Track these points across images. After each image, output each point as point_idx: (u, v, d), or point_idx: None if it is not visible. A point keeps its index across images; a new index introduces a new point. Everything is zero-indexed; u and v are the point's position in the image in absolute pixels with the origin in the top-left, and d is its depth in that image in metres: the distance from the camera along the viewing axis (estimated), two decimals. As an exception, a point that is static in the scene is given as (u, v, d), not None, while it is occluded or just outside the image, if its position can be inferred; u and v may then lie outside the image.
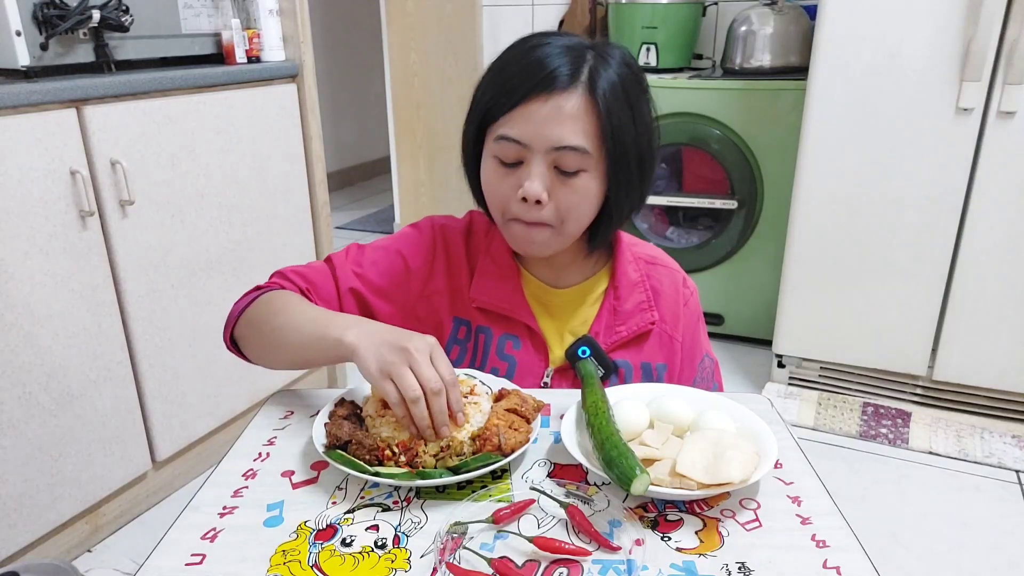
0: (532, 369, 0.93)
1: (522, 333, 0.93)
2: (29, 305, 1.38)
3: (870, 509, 1.70)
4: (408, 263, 0.94)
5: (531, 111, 0.81)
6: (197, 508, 0.69)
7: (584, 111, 0.81)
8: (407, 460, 0.71)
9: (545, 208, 0.83)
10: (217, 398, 1.82)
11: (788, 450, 0.77)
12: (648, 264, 0.99)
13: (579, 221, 0.86)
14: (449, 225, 0.98)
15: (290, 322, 0.82)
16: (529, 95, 0.81)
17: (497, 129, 0.84)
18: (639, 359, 0.95)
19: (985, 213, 1.85)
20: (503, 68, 0.85)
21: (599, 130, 0.82)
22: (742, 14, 2.39)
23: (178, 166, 1.63)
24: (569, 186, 0.83)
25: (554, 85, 0.80)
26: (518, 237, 0.88)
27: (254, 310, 0.88)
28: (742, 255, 2.45)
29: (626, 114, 0.83)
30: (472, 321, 0.94)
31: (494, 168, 0.86)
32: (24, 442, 1.41)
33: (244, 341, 0.89)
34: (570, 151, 0.81)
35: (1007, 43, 1.73)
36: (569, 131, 0.81)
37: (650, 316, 0.95)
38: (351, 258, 0.95)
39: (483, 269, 0.94)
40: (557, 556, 0.61)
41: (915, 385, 2.10)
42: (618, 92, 0.82)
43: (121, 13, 1.53)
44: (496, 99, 0.84)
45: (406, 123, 3.40)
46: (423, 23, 3.18)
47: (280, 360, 0.86)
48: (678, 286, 1.00)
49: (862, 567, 0.61)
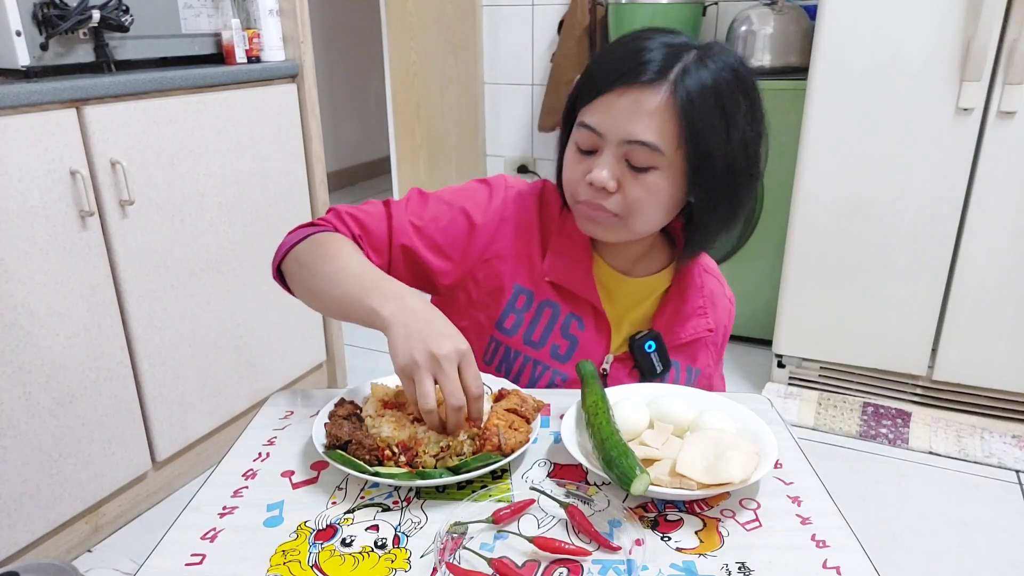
0: (593, 352, 0.93)
1: (587, 314, 0.93)
2: (29, 305, 1.38)
3: (870, 509, 1.70)
4: (473, 222, 0.91)
5: (611, 102, 0.81)
6: (197, 508, 0.69)
7: (664, 109, 0.79)
8: (407, 460, 0.71)
9: (612, 198, 0.83)
10: (217, 398, 1.82)
11: (788, 450, 0.77)
12: (704, 272, 0.99)
13: (647, 218, 0.85)
14: (522, 190, 0.95)
15: (337, 273, 0.81)
16: (613, 86, 0.80)
17: (582, 115, 0.84)
18: (687, 362, 0.97)
19: (985, 213, 1.85)
20: (601, 56, 0.85)
21: (678, 131, 0.79)
22: (742, 14, 2.39)
23: (178, 166, 1.63)
24: (638, 181, 0.82)
25: (638, 78, 0.79)
26: (584, 217, 0.87)
27: (305, 249, 0.86)
28: (742, 255, 2.45)
29: (715, 119, 0.79)
30: (536, 292, 0.92)
31: (572, 153, 0.86)
32: (24, 442, 1.41)
33: (291, 277, 0.88)
34: (640, 146, 0.80)
35: (1007, 43, 1.73)
36: (643, 126, 0.79)
37: (707, 323, 0.97)
38: (412, 209, 0.92)
39: (557, 246, 0.93)
40: (557, 556, 0.61)
41: (915, 385, 2.10)
42: (708, 95, 0.79)
43: (121, 13, 1.53)
44: (585, 85, 0.84)
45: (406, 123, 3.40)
46: (423, 23, 3.18)
47: (320, 306, 0.86)
48: (725, 300, 1.02)
49: (862, 567, 0.61)
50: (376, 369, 0.78)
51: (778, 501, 0.69)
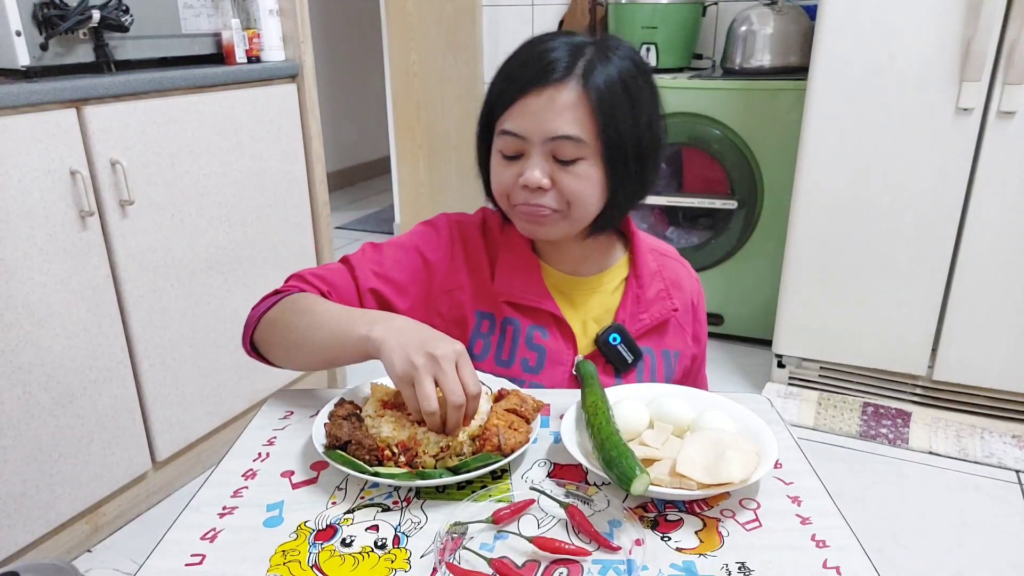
0: (561, 358, 0.94)
1: (548, 323, 0.94)
2: (29, 305, 1.38)
3: (870, 509, 1.70)
4: (427, 259, 0.95)
5: (527, 104, 0.84)
6: (197, 508, 0.69)
7: (577, 102, 0.83)
8: (407, 460, 0.71)
9: (548, 194, 0.86)
10: (217, 398, 1.82)
11: (788, 450, 0.77)
12: (661, 256, 1.02)
13: (586, 206, 0.88)
14: (464, 221, 0.99)
15: (315, 322, 0.82)
16: (526, 89, 0.84)
17: (500, 124, 0.87)
18: (660, 346, 0.98)
19: (985, 213, 1.85)
20: (508, 64, 0.88)
21: (594, 120, 0.83)
22: (742, 14, 2.39)
23: (178, 166, 1.63)
24: (570, 173, 0.85)
25: (548, 78, 0.83)
26: (525, 220, 0.90)
27: (277, 313, 0.87)
28: (742, 255, 2.45)
29: (624, 106, 0.84)
30: (497, 314, 0.94)
31: (498, 162, 0.89)
32: (24, 442, 1.41)
33: (267, 344, 0.89)
34: (565, 140, 0.83)
35: (1007, 43, 1.73)
36: (563, 121, 0.83)
37: (670, 304, 0.99)
38: (368, 257, 0.95)
39: (504, 263, 0.95)
40: (557, 556, 0.61)
41: (915, 385, 2.10)
42: (615, 84, 0.84)
43: (121, 13, 1.53)
44: (498, 95, 0.87)
45: (406, 123, 3.40)
46: (423, 23, 3.18)
47: (306, 360, 0.86)
48: (689, 280, 1.04)
49: (862, 567, 0.61)
50: (376, 369, 0.78)
51: (778, 501, 0.69)
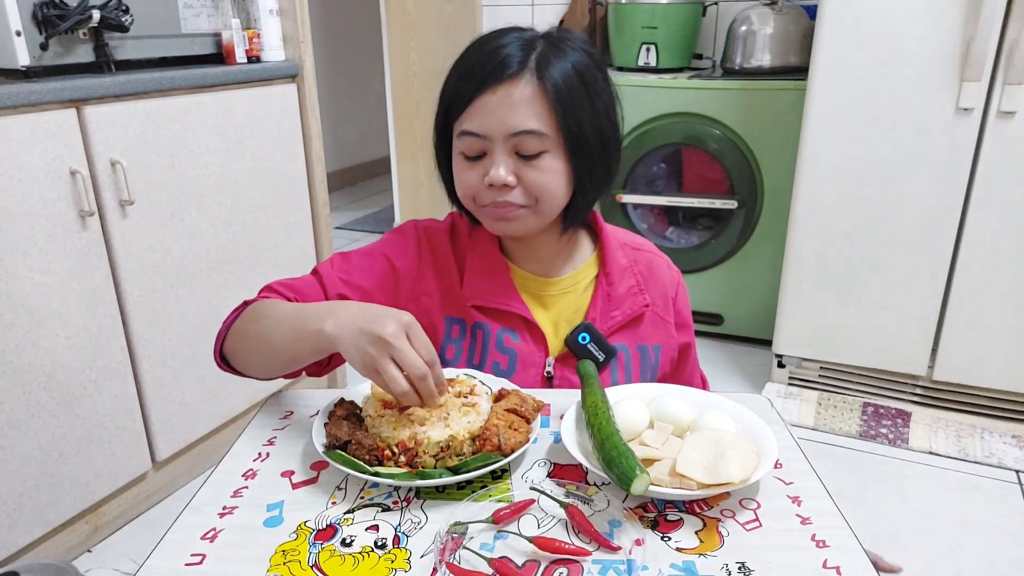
0: (532, 360, 0.94)
1: (518, 325, 0.94)
2: (29, 305, 1.38)
3: (870, 509, 1.70)
4: (395, 266, 0.95)
5: (485, 103, 0.84)
6: (197, 508, 0.69)
7: (534, 95, 0.83)
8: (407, 460, 0.71)
9: (514, 191, 0.86)
10: (217, 398, 1.82)
11: (788, 450, 0.77)
12: (634, 250, 1.01)
13: (553, 199, 0.88)
14: (432, 227, 0.99)
15: (272, 324, 0.83)
16: (482, 88, 0.84)
17: (459, 126, 0.87)
18: (635, 341, 0.97)
19: (985, 213, 1.85)
20: (458, 65, 0.88)
21: (552, 112, 0.84)
22: (742, 14, 2.39)
23: (178, 166, 1.63)
24: (534, 167, 0.85)
25: (503, 74, 0.83)
26: (492, 219, 0.90)
27: (240, 322, 0.88)
28: (742, 255, 2.45)
29: (581, 96, 0.85)
30: (467, 319, 0.94)
31: (460, 163, 0.89)
32: (24, 442, 1.41)
33: (233, 354, 0.89)
34: (526, 135, 0.84)
35: (1007, 43, 1.73)
36: (522, 116, 0.83)
37: (642, 299, 0.97)
38: (336, 266, 0.95)
39: (472, 267, 0.95)
40: (557, 556, 0.61)
41: (915, 385, 2.10)
42: (570, 75, 0.84)
43: (121, 13, 1.53)
44: (453, 96, 0.87)
45: (406, 123, 3.40)
46: (423, 23, 3.18)
47: (268, 364, 0.85)
48: (665, 270, 1.02)
49: (862, 567, 0.61)
50: (376, 369, 0.78)
51: (778, 501, 0.69)
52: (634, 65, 2.53)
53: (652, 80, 2.41)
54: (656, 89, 2.38)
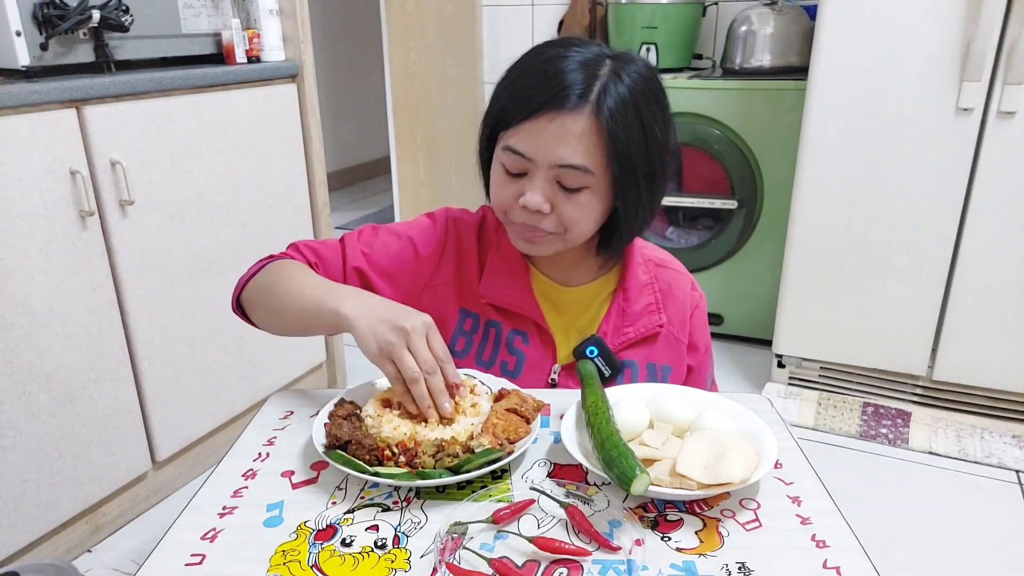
0: (540, 365, 0.94)
1: (531, 329, 0.94)
2: (29, 305, 1.38)
3: (870, 509, 1.70)
4: (418, 251, 0.96)
5: (538, 127, 0.81)
6: (197, 508, 0.69)
7: (590, 131, 0.81)
8: (407, 460, 0.71)
9: (546, 219, 0.85)
10: (217, 398, 1.82)
11: (788, 450, 0.77)
12: (657, 267, 1.00)
13: (582, 231, 0.88)
14: (463, 219, 0.99)
15: (293, 290, 0.84)
16: (538, 111, 0.81)
17: (506, 139, 0.85)
18: (647, 359, 0.96)
19: (985, 213, 1.85)
20: (519, 77, 0.85)
21: (604, 150, 0.82)
22: (742, 14, 2.39)
23: (178, 166, 1.63)
24: (571, 200, 0.84)
25: (563, 104, 0.80)
26: (519, 238, 0.90)
27: (263, 276, 0.90)
28: (742, 255, 2.45)
29: (635, 131, 0.82)
30: (481, 315, 0.95)
31: (501, 174, 0.87)
32: (24, 442, 1.41)
33: (250, 304, 0.91)
34: (572, 170, 0.82)
35: (1007, 43, 1.73)
36: (572, 151, 0.81)
37: (658, 319, 0.96)
38: (363, 239, 0.96)
39: (493, 265, 0.95)
40: (557, 556, 0.61)
41: (915, 385, 2.10)
42: (627, 109, 0.81)
43: (121, 13, 1.53)
44: (508, 108, 0.84)
45: (406, 123, 3.40)
46: (423, 23, 3.18)
47: (282, 325, 0.89)
48: (687, 290, 1.01)
49: (862, 567, 0.61)
50: (376, 369, 0.78)
51: (778, 501, 0.69)
52: (634, 65, 2.53)
53: (652, 80, 2.41)
54: (656, 89, 2.38)
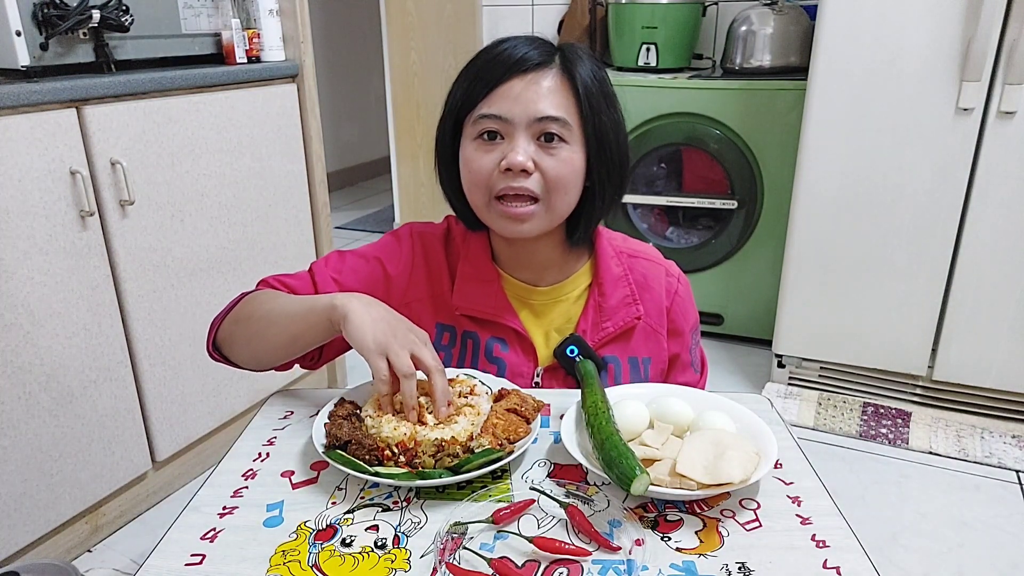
0: (521, 370, 0.93)
1: (508, 335, 0.94)
2: (29, 305, 1.38)
3: (870, 509, 1.70)
4: (388, 271, 0.95)
5: (510, 88, 0.84)
6: (197, 508, 0.69)
7: (561, 86, 0.85)
8: (407, 460, 0.71)
9: (531, 177, 0.84)
10: (217, 398, 1.82)
11: (788, 450, 0.77)
12: (631, 258, 0.98)
13: (566, 194, 0.87)
14: (427, 232, 0.98)
15: (276, 307, 0.84)
16: (506, 76, 0.84)
17: (478, 111, 0.85)
18: (626, 354, 0.95)
19: (985, 213, 1.85)
20: (472, 66, 0.88)
21: (577, 105, 0.85)
22: (742, 14, 2.39)
23: (178, 166, 1.63)
24: (554, 157, 0.85)
25: (527, 64, 0.84)
26: (505, 216, 0.86)
27: (239, 309, 0.89)
28: (742, 255, 2.45)
29: (602, 98, 0.86)
30: (457, 327, 0.94)
31: (475, 148, 0.86)
32: (24, 442, 1.41)
33: (230, 341, 0.89)
34: (551, 121, 0.83)
35: (1007, 43, 1.73)
36: (549, 103, 0.84)
37: (635, 311, 0.95)
38: (331, 265, 0.96)
39: (463, 274, 0.94)
40: (557, 556, 0.61)
41: (915, 385, 2.10)
42: (594, 79, 0.86)
43: (121, 13, 1.53)
44: (471, 89, 0.86)
45: (406, 123, 3.40)
46: (423, 23, 3.18)
47: (266, 347, 0.86)
48: (661, 279, 0.99)
49: (862, 567, 0.61)
50: (376, 370, 0.78)
51: (778, 501, 0.69)
52: (634, 65, 2.53)
53: (652, 80, 2.41)
54: (656, 89, 2.38)
